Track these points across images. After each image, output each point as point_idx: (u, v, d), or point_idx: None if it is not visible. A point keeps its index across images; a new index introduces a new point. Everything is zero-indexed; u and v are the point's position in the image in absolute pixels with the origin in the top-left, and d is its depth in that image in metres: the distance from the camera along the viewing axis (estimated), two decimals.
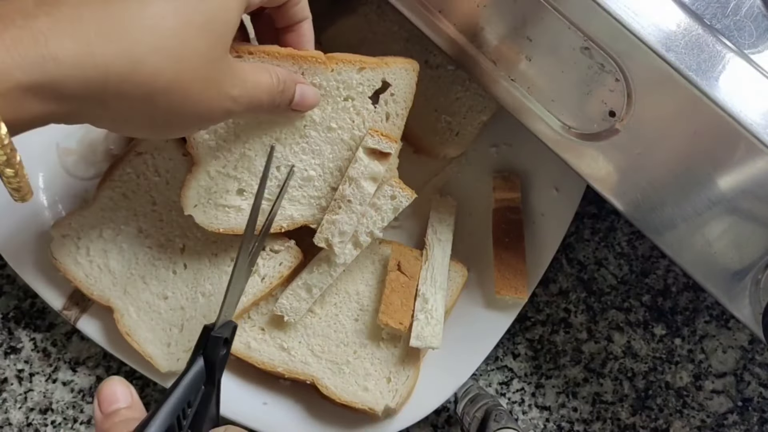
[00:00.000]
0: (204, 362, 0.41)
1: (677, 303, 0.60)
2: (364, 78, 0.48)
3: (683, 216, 0.44)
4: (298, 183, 0.49)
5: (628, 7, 0.40)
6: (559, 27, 0.42)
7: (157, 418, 0.35)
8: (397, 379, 0.53)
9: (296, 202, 0.50)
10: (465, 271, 0.56)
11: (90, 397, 0.57)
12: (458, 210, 0.58)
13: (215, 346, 0.41)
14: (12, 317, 0.58)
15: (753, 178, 0.41)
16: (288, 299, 0.52)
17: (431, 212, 0.56)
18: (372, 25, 0.59)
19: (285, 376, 0.53)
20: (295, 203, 0.50)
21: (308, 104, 0.45)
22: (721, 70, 0.39)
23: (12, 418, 0.57)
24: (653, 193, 0.44)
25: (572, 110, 0.45)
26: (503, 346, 0.59)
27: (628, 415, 0.58)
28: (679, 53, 0.39)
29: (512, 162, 0.59)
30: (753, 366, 0.59)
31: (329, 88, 0.47)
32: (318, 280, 0.52)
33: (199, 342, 0.42)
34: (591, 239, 0.61)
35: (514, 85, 0.47)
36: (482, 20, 0.46)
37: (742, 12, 0.44)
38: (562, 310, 0.60)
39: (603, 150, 0.45)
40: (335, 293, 0.55)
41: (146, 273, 0.52)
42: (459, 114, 0.58)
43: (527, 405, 0.58)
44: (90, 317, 0.54)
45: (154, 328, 0.52)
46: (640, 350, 0.59)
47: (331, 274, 0.52)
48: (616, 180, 0.45)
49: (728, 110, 0.39)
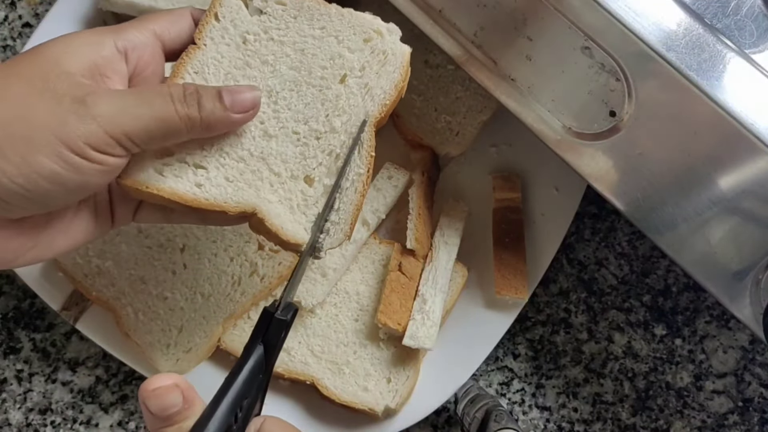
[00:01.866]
0: (264, 349, 0.38)
1: (678, 303, 0.60)
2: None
3: (684, 216, 0.44)
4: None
5: (628, 7, 0.40)
6: (559, 27, 0.42)
7: (216, 419, 0.33)
8: (397, 379, 0.53)
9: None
10: (465, 271, 0.56)
11: (89, 398, 0.57)
12: None
13: (277, 330, 0.38)
14: (11, 317, 0.58)
15: (753, 178, 0.41)
16: (304, 284, 0.52)
17: (441, 215, 0.57)
18: None
19: (285, 376, 0.53)
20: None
21: (245, 101, 0.39)
22: (721, 69, 0.39)
23: (11, 418, 0.57)
24: (654, 193, 0.44)
25: (572, 110, 0.45)
26: (503, 346, 0.59)
27: (628, 415, 0.58)
28: (679, 53, 0.39)
29: (512, 162, 0.58)
30: (753, 366, 0.59)
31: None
32: (332, 263, 0.52)
33: (259, 326, 0.39)
34: (591, 239, 0.60)
35: (514, 85, 0.46)
36: (482, 20, 0.46)
37: (742, 11, 0.44)
38: (562, 311, 0.59)
39: (603, 150, 0.45)
40: (335, 293, 0.55)
41: (146, 273, 0.52)
42: (459, 114, 0.57)
43: (527, 405, 0.58)
44: (89, 317, 0.54)
45: (153, 329, 0.52)
46: (640, 350, 0.59)
47: (344, 255, 0.52)
48: (617, 180, 0.45)
49: (729, 110, 0.39)
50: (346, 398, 0.52)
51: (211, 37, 0.41)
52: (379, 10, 0.59)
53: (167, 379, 0.34)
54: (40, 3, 0.62)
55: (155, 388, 0.33)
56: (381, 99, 0.43)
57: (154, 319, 0.52)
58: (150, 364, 0.52)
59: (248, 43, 0.42)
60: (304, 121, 0.42)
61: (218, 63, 0.41)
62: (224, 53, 0.41)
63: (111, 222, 0.41)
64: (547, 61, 0.44)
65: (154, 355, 0.52)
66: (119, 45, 0.38)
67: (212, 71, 0.41)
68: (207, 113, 0.38)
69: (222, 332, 0.53)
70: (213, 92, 0.38)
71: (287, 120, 0.41)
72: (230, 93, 0.39)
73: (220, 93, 0.38)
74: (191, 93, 0.37)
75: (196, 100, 0.37)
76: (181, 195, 0.39)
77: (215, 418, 0.34)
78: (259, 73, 0.42)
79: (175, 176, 0.39)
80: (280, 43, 0.42)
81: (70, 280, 0.52)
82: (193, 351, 0.52)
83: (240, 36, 0.42)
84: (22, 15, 0.62)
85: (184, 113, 0.37)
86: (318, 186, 0.42)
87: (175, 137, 0.38)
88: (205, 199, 0.39)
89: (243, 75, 0.41)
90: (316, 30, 0.42)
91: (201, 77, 0.41)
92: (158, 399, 0.33)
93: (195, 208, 0.39)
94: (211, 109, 0.38)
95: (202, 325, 0.52)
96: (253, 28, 0.42)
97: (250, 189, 0.40)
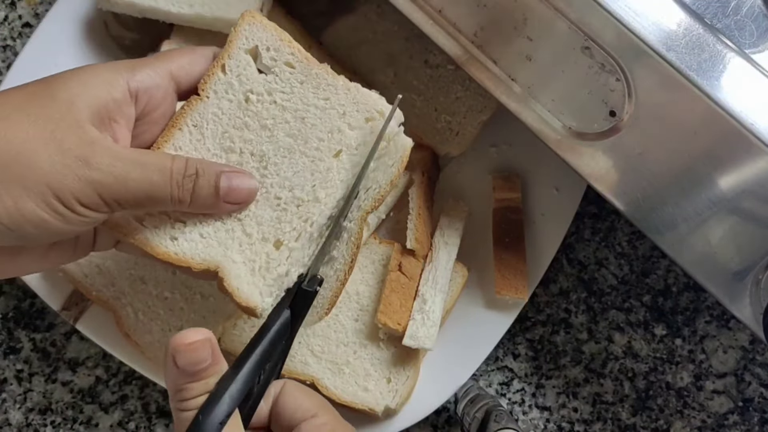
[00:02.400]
0: (290, 315, 0.39)
1: (678, 303, 0.60)
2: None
3: (684, 216, 0.44)
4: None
5: (628, 7, 0.40)
6: (559, 27, 0.42)
7: (239, 379, 0.34)
8: (397, 379, 0.53)
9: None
10: (465, 271, 0.56)
11: (89, 398, 0.57)
12: None
13: (304, 299, 0.40)
14: (11, 317, 0.58)
15: (753, 178, 0.41)
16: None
17: (441, 215, 0.56)
18: (372, 24, 0.58)
19: (285, 376, 0.53)
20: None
21: (240, 195, 0.40)
22: (721, 69, 0.39)
23: (11, 418, 0.57)
24: (654, 193, 0.44)
25: (572, 110, 0.45)
26: (503, 346, 0.59)
27: (628, 415, 0.58)
28: (679, 53, 0.39)
29: (512, 162, 0.58)
30: (754, 366, 0.59)
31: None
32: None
33: (288, 293, 0.40)
34: (591, 239, 0.60)
35: (514, 85, 0.46)
36: (482, 20, 0.46)
37: (742, 11, 0.44)
38: (562, 311, 0.59)
39: (603, 150, 0.45)
40: None
41: (146, 273, 0.52)
42: (459, 114, 0.57)
43: (527, 405, 0.58)
44: (89, 317, 0.54)
45: (153, 329, 0.52)
46: (640, 350, 0.59)
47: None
48: (617, 180, 0.45)
49: (729, 110, 0.39)
50: (346, 398, 0.52)
51: (215, 90, 0.41)
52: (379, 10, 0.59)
53: (200, 334, 0.34)
54: (40, 3, 0.62)
55: (191, 342, 0.33)
56: (375, 193, 0.42)
57: (154, 319, 0.52)
58: (150, 364, 0.52)
59: (250, 103, 0.41)
60: (290, 188, 0.41)
61: (218, 119, 0.41)
62: (225, 110, 0.41)
63: (92, 247, 0.42)
64: (547, 61, 0.44)
65: (154, 355, 0.52)
66: (132, 86, 0.38)
67: (210, 127, 0.41)
68: (198, 198, 0.38)
69: (222, 332, 0.53)
70: (212, 177, 0.38)
71: (272, 186, 0.41)
72: (229, 179, 0.39)
73: (218, 178, 0.38)
74: (190, 176, 0.38)
75: (193, 183, 0.38)
76: (152, 247, 0.39)
77: (239, 377, 0.34)
78: (256, 137, 0.41)
79: (153, 227, 0.39)
80: (282, 107, 0.42)
81: (70, 280, 0.52)
82: None
83: (243, 93, 0.41)
84: (22, 15, 0.62)
85: (176, 195, 0.37)
86: (284, 250, 0.41)
87: (159, 208, 0.39)
88: (174, 254, 0.39)
89: (240, 136, 0.41)
90: (320, 100, 0.42)
91: (199, 132, 0.41)
92: (191, 353, 0.33)
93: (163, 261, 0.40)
94: (205, 195, 0.38)
95: (201, 325, 0.51)
96: (257, 87, 0.42)
97: (219, 247, 0.40)
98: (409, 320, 0.52)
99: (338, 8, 0.59)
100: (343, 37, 0.59)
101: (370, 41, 0.58)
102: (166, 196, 0.37)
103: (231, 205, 0.40)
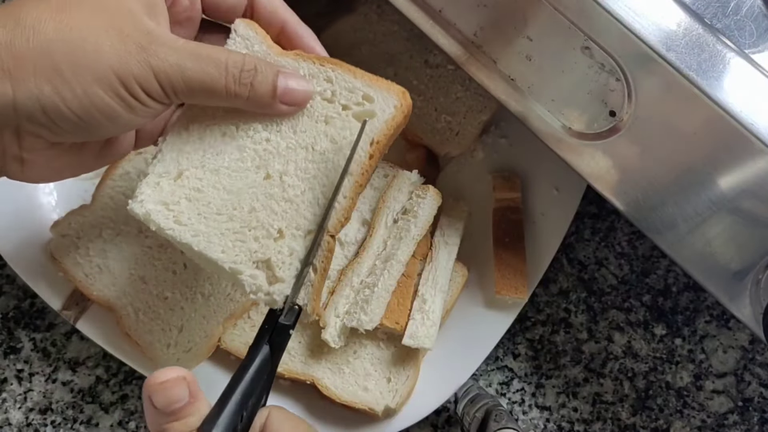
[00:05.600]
0: (269, 349, 0.38)
1: (678, 303, 0.60)
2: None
3: (683, 216, 0.44)
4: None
5: (628, 7, 0.40)
6: (559, 27, 0.42)
7: (223, 419, 0.33)
8: (397, 379, 0.53)
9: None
10: (465, 271, 0.56)
11: (90, 397, 0.57)
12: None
13: (282, 334, 0.39)
14: (12, 317, 0.58)
15: (753, 178, 0.41)
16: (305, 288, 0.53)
17: (441, 215, 0.56)
18: (372, 24, 0.59)
19: (285, 376, 0.53)
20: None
21: (296, 97, 0.40)
22: (721, 69, 0.39)
23: (12, 418, 0.57)
24: (653, 193, 0.44)
25: (572, 110, 0.45)
26: (503, 346, 0.59)
27: (628, 415, 0.58)
28: (679, 53, 0.39)
29: (512, 162, 0.58)
30: (753, 366, 0.59)
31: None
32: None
33: (265, 328, 0.39)
34: (591, 239, 0.60)
35: (514, 85, 0.46)
36: (482, 20, 0.46)
37: (742, 11, 0.44)
38: (562, 310, 0.60)
39: (603, 150, 0.45)
40: None
41: (146, 273, 0.52)
42: (459, 114, 0.58)
43: (527, 405, 0.58)
44: (90, 317, 0.54)
45: (153, 329, 0.52)
46: (640, 350, 0.59)
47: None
48: (617, 180, 0.45)
49: (728, 110, 0.39)
50: (346, 398, 0.52)
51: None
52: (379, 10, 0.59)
53: (174, 372, 0.33)
54: None
55: (163, 381, 0.33)
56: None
57: (154, 319, 0.52)
58: (150, 364, 0.52)
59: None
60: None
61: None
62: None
63: (133, 146, 0.44)
64: (547, 61, 0.45)
65: (154, 355, 0.52)
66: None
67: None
68: (255, 96, 0.39)
69: (222, 332, 0.53)
70: (270, 75, 0.39)
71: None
72: (286, 79, 0.39)
73: (276, 77, 0.39)
74: (248, 71, 0.38)
75: (250, 81, 0.38)
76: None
77: (222, 418, 0.33)
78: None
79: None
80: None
81: (71, 280, 0.52)
82: (193, 351, 0.52)
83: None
84: None
85: (233, 90, 0.38)
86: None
87: (215, 102, 0.39)
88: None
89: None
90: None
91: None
92: (165, 392, 0.33)
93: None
94: (262, 93, 0.39)
95: (202, 325, 0.52)
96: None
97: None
98: (408, 320, 0.52)
99: (338, 9, 0.59)
100: (343, 37, 0.59)
101: (370, 41, 0.59)
102: (221, 88, 0.37)
103: (286, 107, 0.40)
